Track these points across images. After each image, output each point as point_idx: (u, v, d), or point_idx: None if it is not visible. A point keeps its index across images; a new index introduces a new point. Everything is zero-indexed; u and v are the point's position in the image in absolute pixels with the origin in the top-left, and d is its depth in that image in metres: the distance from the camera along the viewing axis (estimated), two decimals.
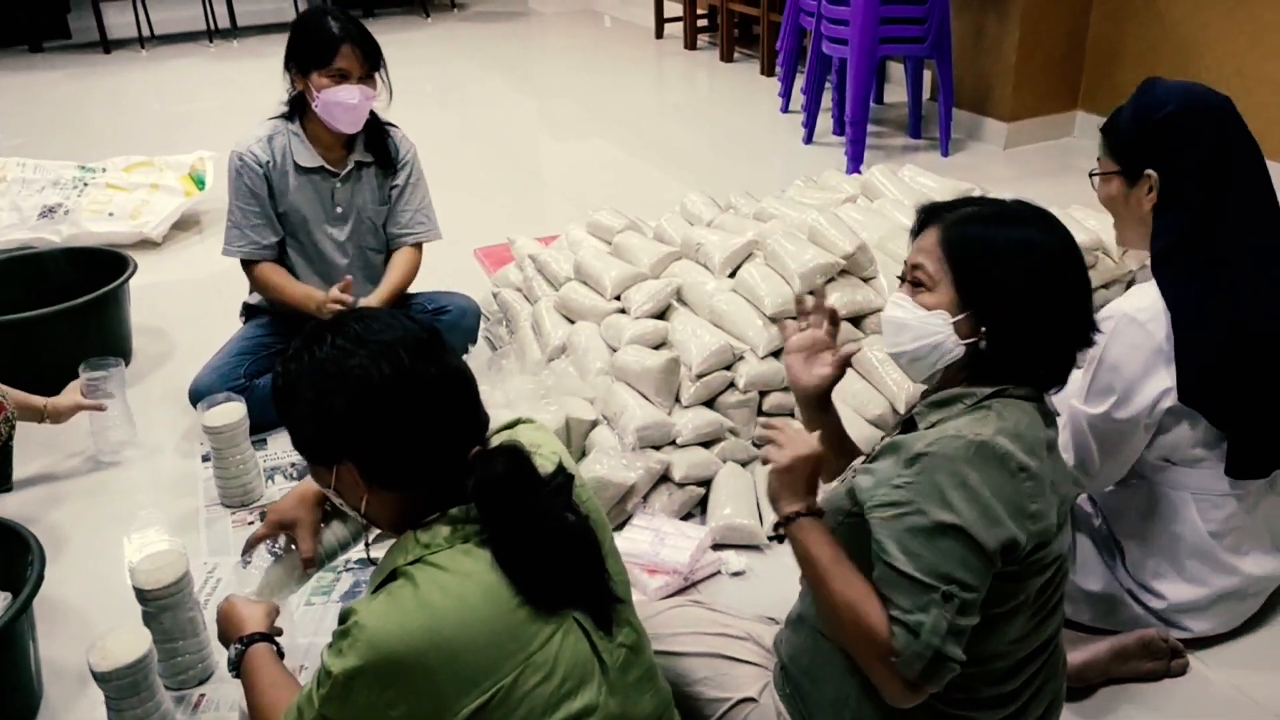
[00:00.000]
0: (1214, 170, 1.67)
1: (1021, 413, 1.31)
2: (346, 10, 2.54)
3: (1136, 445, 1.75)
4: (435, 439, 1.19)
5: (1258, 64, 3.83)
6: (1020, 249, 1.32)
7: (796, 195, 2.98)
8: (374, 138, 2.62)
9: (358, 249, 2.70)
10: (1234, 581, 1.80)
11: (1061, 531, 1.33)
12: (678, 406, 2.33)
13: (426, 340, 1.21)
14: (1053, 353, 1.34)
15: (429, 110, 5.58)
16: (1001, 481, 1.24)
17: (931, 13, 4.14)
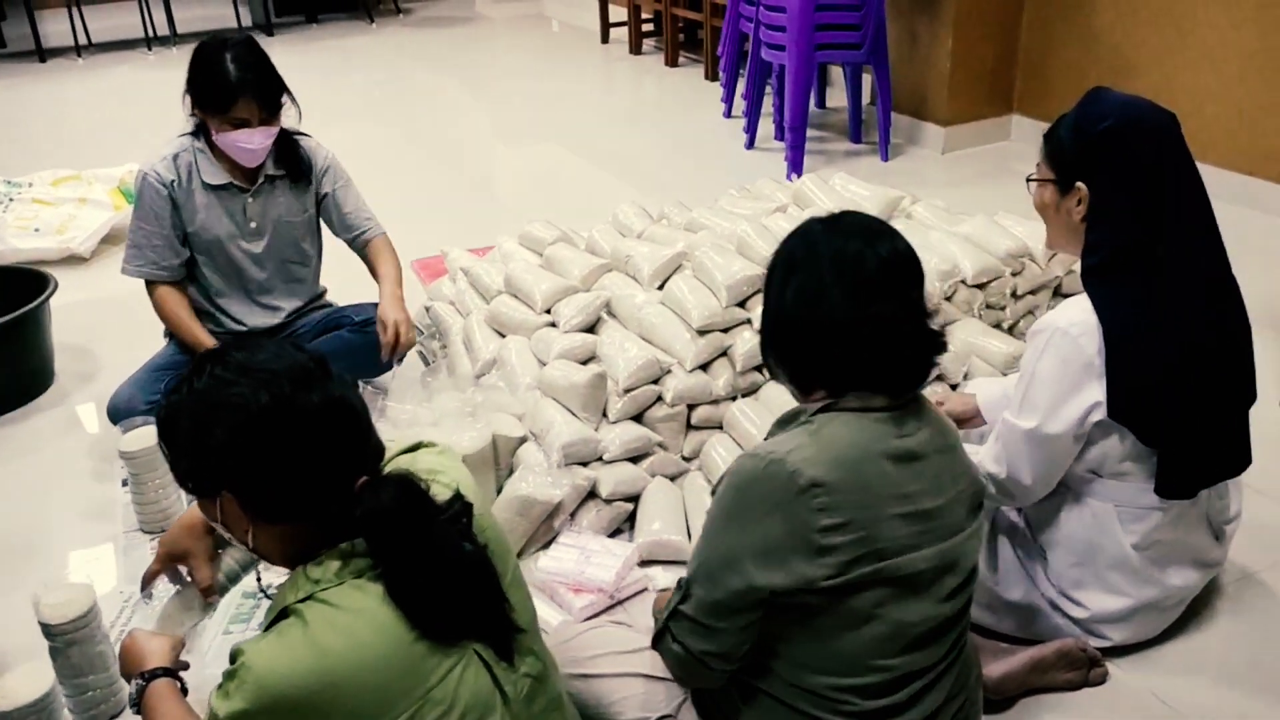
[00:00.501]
0: (1146, 188, 1.67)
1: (847, 427, 1.33)
2: (250, 46, 2.42)
3: (1066, 458, 1.76)
4: (317, 470, 1.17)
5: (1182, 70, 3.89)
6: (774, 266, 1.40)
7: (728, 205, 2.98)
8: (284, 150, 2.57)
9: (277, 262, 2.66)
10: (1155, 593, 1.82)
11: (925, 547, 1.34)
12: (605, 422, 2.32)
13: (311, 369, 1.19)
14: (818, 362, 1.36)
15: (372, 117, 5.53)
16: (785, 502, 1.28)
17: (867, 20, 4.16)
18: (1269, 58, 3.63)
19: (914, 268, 1.37)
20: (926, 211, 2.91)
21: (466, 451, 2.24)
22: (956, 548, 1.39)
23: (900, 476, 1.33)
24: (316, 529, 1.19)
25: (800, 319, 1.36)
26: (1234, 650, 1.90)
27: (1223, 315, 1.72)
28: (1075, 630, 1.85)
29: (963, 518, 1.40)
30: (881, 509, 1.30)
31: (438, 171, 4.72)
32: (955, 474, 1.40)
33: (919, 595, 1.35)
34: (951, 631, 1.42)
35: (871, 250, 1.33)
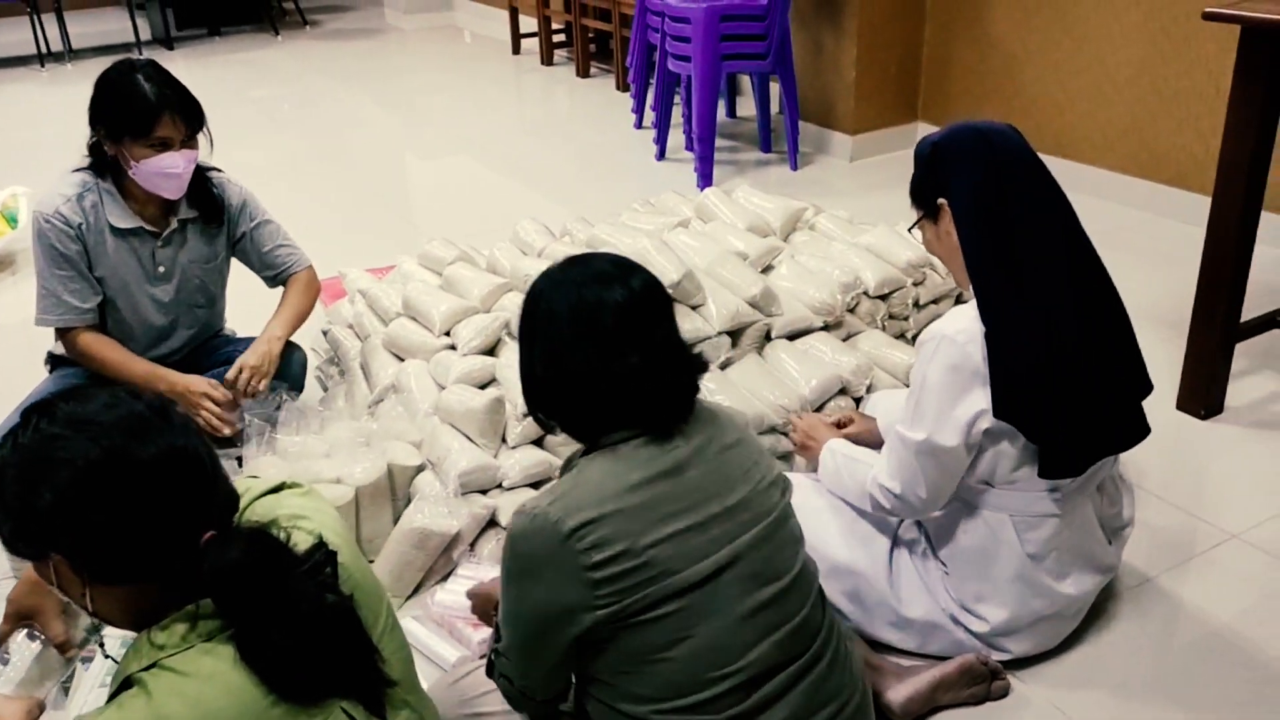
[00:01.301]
0: (984, 185, 1.69)
1: (608, 462, 1.34)
2: (158, 66, 2.30)
3: (960, 467, 1.75)
4: (156, 527, 1.08)
5: (1077, 75, 3.97)
6: (520, 326, 1.42)
7: (630, 220, 2.95)
8: (197, 190, 2.42)
9: (184, 307, 2.53)
10: (1053, 603, 1.82)
11: (717, 552, 1.34)
12: (505, 447, 2.26)
13: (148, 418, 1.11)
14: (576, 416, 1.39)
15: (277, 133, 5.39)
16: (554, 554, 1.29)
17: (771, 30, 4.16)
18: (1155, 65, 3.71)
19: (655, 304, 1.38)
20: (829, 222, 2.91)
21: (360, 483, 2.17)
22: (762, 539, 1.39)
23: (673, 491, 1.34)
24: (161, 589, 1.11)
25: (550, 379, 1.38)
26: (1135, 658, 1.91)
27: (1093, 308, 1.73)
28: (976, 644, 1.85)
29: (769, 506, 1.42)
30: (656, 530, 1.31)
31: (346, 187, 4.61)
32: (744, 467, 1.41)
33: (728, 602, 1.35)
34: (801, 632, 1.41)
35: (607, 297, 1.34)
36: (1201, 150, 3.64)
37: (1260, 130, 2.34)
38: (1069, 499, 1.79)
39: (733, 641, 1.35)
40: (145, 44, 7.15)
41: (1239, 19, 2.27)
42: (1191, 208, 3.54)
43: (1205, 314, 2.51)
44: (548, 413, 1.42)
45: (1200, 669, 1.89)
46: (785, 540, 1.43)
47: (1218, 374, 2.57)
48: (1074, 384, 1.69)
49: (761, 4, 4.14)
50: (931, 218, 1.77)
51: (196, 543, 1.10)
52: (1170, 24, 3.63)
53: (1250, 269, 2.50)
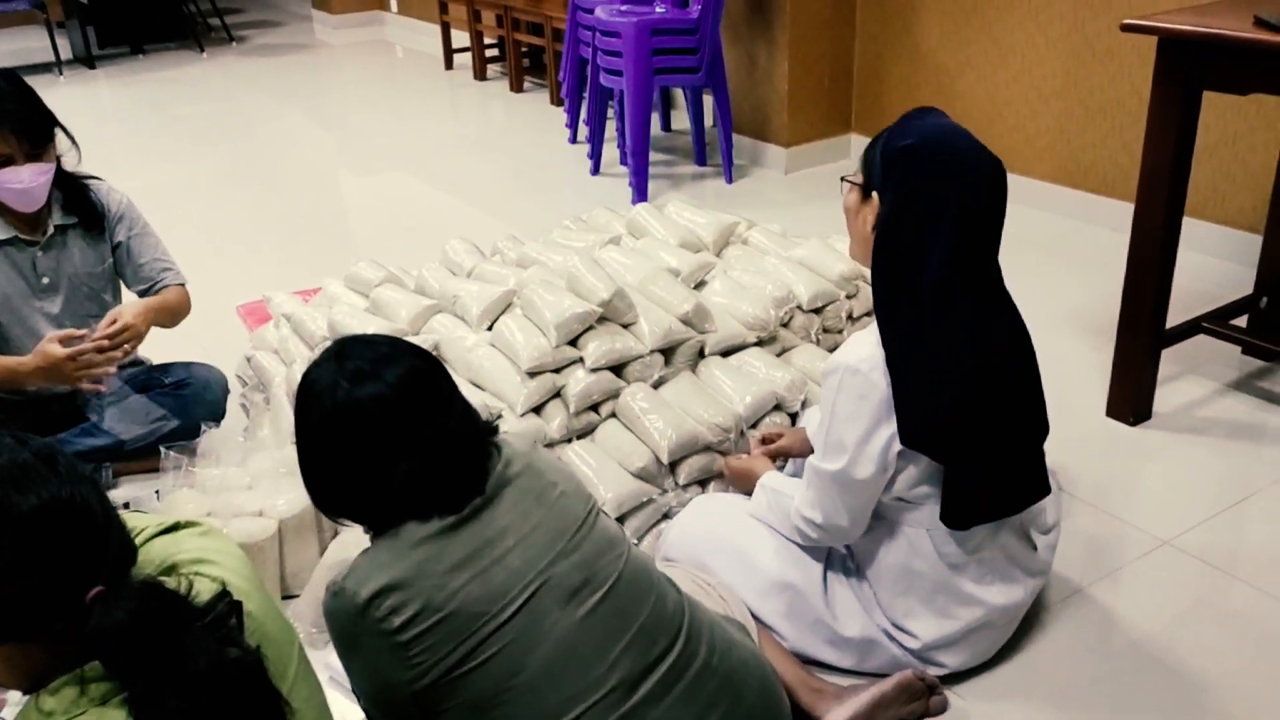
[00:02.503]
0: (925, 213, 1.64)
1: (392, 534, 1.32)
2: (8, 77, 2.22)
3: (876, 492, 1.74)
4: (33, 585, 1.01)
5: (1006, 86, 4.02)
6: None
7: (561, 238, 2.91)
8: (73, 196, 2.37)
9: (77, 319, 2.44)
10: (980, 613, 1.81)
11: (521, 580, 1.32)
12: None
13: (30, 465, 1.04)
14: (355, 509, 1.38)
15: (203, 151, 5.26)
16: (358, 628, 1.29)
17: (703, 43, 4.16)
18: (1080, 77, 3.77)
19: (418, 395, 1.34)
20: (761, 236, 2.89)
21: (284, 515, 2.10)
22: (568, 551, 1.37)
23: (465, 539, 1.32)
24: (46, 649, 1.04)
25: (328, 484, 1.37)
26: (1071, 667, 1.91)
27: (1004, 344, 1.72)
28: (912, 660, 1.84)
29: (570, 520, 1.39)
30: (451, 579, 1.30)
31: (275, 207, 4.51)
32: (535, 492, 1.39)
33: (551, 624, 1.33)
34: (653, 632, 1.39)
35: (357, 399, 1.31)
36: (1126, 159, 3.70)
37: (1179, 138, 2.37)
38: None
39: (571, 660, 1.33)
40: (66, 63, 6.96)
41: (1156, 30, 2.31)
42: (1118, 215, 3.59)
43: (1131, 321, 2.54)
44: (331, 511, 1.41)
45: (1136, 677, 1.89)
46: (599, 546, 1.41)
47: (1145, 380, 2.59)
48: (983, 421, 1.68)
49: (692, 17, 4.14)
50: (863, 194, 1.72)
51: (82, 600, 1.03)
52: (1093, 37, 3.69)
53: (1175, 275, 2.54)
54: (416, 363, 1.36)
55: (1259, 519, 2.29)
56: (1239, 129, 3.37)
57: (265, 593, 1.24)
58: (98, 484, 1.10)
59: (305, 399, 1.35)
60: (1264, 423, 2.63)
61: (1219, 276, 3.30)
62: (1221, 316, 2.74)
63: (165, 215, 2.55)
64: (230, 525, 2.06)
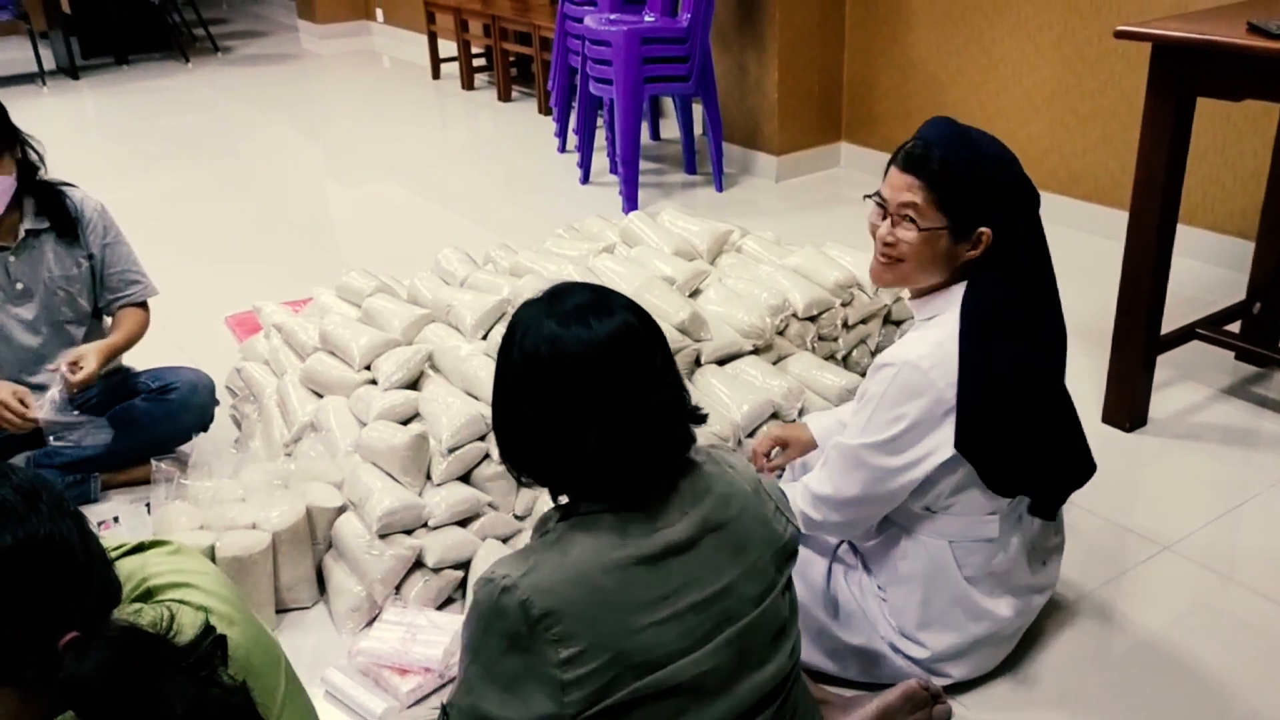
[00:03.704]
0: (1039, 230, 1.70)
1: (587, 537, 1.22)
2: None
3: (898, 486, 1.72)
4: (5, 628, 0.95)
5: (995, 95, 4.03)
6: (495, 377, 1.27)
7: (554, 246, 2.89)
8: (45, 201, 2.34)
9: (52, 325, 2.42)
10: (989, 626, 1.80)
11: (707, 643, 1.23)
12: (429, 485, 2.18)
13: (10, 503, 0.98)
14: (544, 471, 1.26)
15: (189, 162, 5.22)
16: (520, 636, 1.17)
17: (693, 52, 4.16)
18: (1070, 85, 3.78)
19: (625, 356, 1.20)
20: (756, 244, 2.89)
21: (278, 527, 2.07)
22: (754, 622, 1.28)
23: (656, 578, 1.21)
24: (19, 695, 0.98)
25: (517, 437, 1.25)
26: (1073, 675, 1.90)
27: (1059, 355, 1.77)
28: (917, 670, 1.82)
29: (766, 584, 1.30)
30: (631, 622, 1.19)
31: (263, 218, 4.48)
32: (741, 545, 1.28)
33: (716, 693, 1.25)
34: (778, 696, 1.33)
35: (564, 348, 1.18)
36: (1117, 166, 3.71)
37: (1173, 144, 2.37)
38: (1006, 522, 1.78)
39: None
40: (50, 74, 6.90)
41: (1150, 37, 2.31)
42: (1109, 222, 3.60)
43: (1127, 327, 2.54)
44: (520, 467, 1.28)
45: (1138, 683, 1.88)
46: (779, 612, 1.31)
47: (1140, 386, 2.59)
48: (1046, 433, 1.72)
49: (682, 26, 4.13)
50: (956, 235, 1.66)
51: (55, 646, 0.96)
52: (1084, 45, 3.70)
53: (1169, 282, 2.54)
54: (632, 320, 1.22)
55: (1257, 524, 2.29)
56: (1227, 136, 3.39)
57: (248, 615, 1.19)
58: (83, 522, 1.04)
59: (509, 336, 1.24)
60: (1258, 428, 2.64)
61: (1210, 282, 3.30)
62: (1215, 322, 2.74)
63: (150, 226, 2.52)
64: (224, 538, 2.03)
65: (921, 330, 1.73)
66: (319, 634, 2.08)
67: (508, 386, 1.24)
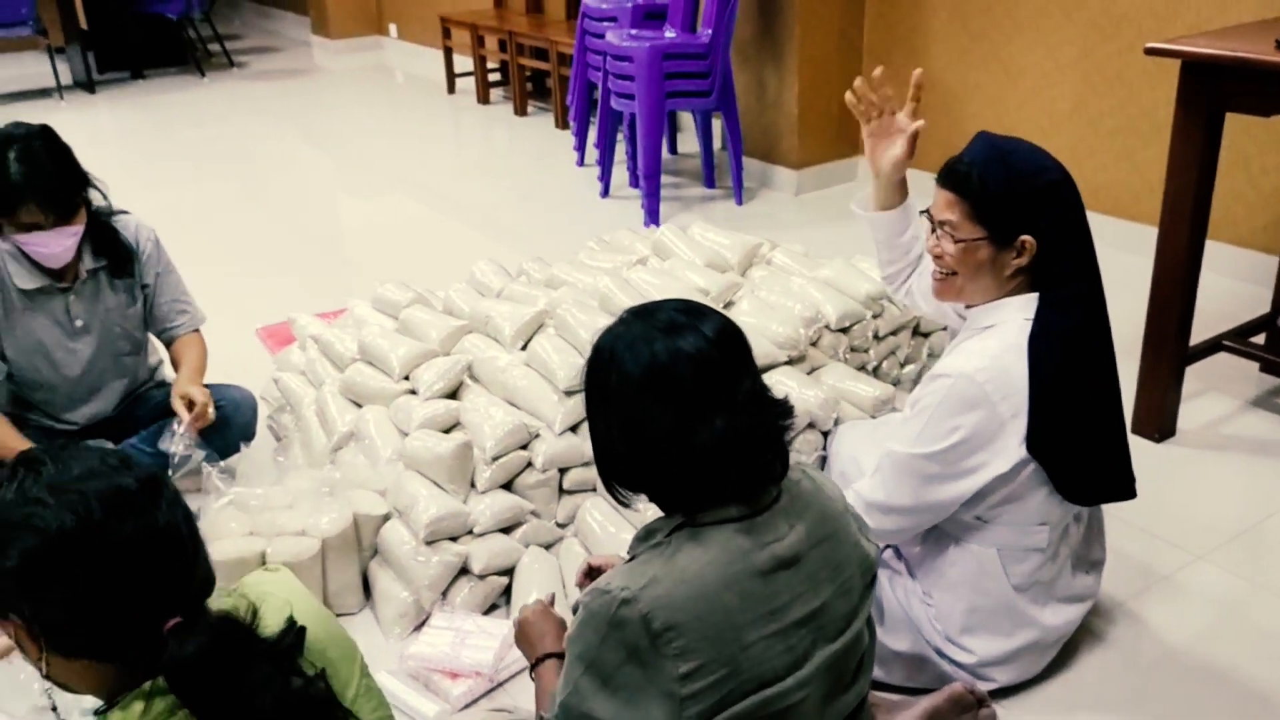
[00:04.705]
0: (1086, 234, 1.73)
1: (703, 550, 1.23)
2: (46, 138, 2.17)
3: (949, 499, 1.75)
4: (118, 609, 1.02)
5: (1016, 107, 4.07)
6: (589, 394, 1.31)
7: (587, 259, 2.92)
8: (102, 240, 2.34)
9: (107, 358, 2.44)
10: (1035, 634, 1.83)
11: (811, 659, 1.26)
12: (474, 492, 2.21)
13: (133, 492, 1.04)
14: (662, 486, 1.27)
15: (206, 176, 5.26)
16: (639, 649, 1.19)
17: (714, 67, 4.21)
18: (1090, 100, 3.83)
19: (733, 351, 1.26)
20: (785, 257, 2.92)
21: (327, 534, 2.10)
22: (850, 643, 1.31)
23: (767, 591, 1.23)
24: (120, 669, 1.05)
25: (631, 451, 1.26)
26: (1112, 681, 1.93)
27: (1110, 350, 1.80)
28: (962, 675, 1.85)
29: (854, 605, 1.33)
30: (745, 636, 1.21)
31: (283, 232, 4.52)
32: (837, 563, 1.31)
33: (815, 709, 1.28)
34: (858, 715, 1.37)
35: (679, 351, 1.22)
36: (1138, 181, 3.75)
37: (1202, 159, 2.41)
38: (1055, 532, 1.81)
39: None
40: (66, 88, 6.95)
41: (1180, 54, 2.35)
42: (1129, 236, 3.64)
43: (1156, 339, 2.57)
44: (631, 485, 1.29)
45: (1175, 690, 1.91)
46: (864, 636, 1.35)
47: (1169, 398, 2.62)
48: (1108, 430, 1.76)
49: (703, 42, 4.18)
50: (998, 243, 1.70)
51: (160, 628, 1.03)
52: (1103, 61, 3.75)
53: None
54: (725, 319, 1.27)
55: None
56: (1249, 151, 3.43)
57: (326, 612, 1.24)
58: (191, 516, 1.10)
59: (606, 361, 1.26)
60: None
61: (1233, 296, 3.34)
62: (1239, 335, 2.78)
63: (166, 239, 2.54)
64: (274, 544, 2.06)
65: (978, 340, 1.76)
66: (366, 639, 2.09)
67: (622, 405, 1.25)
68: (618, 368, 1.25)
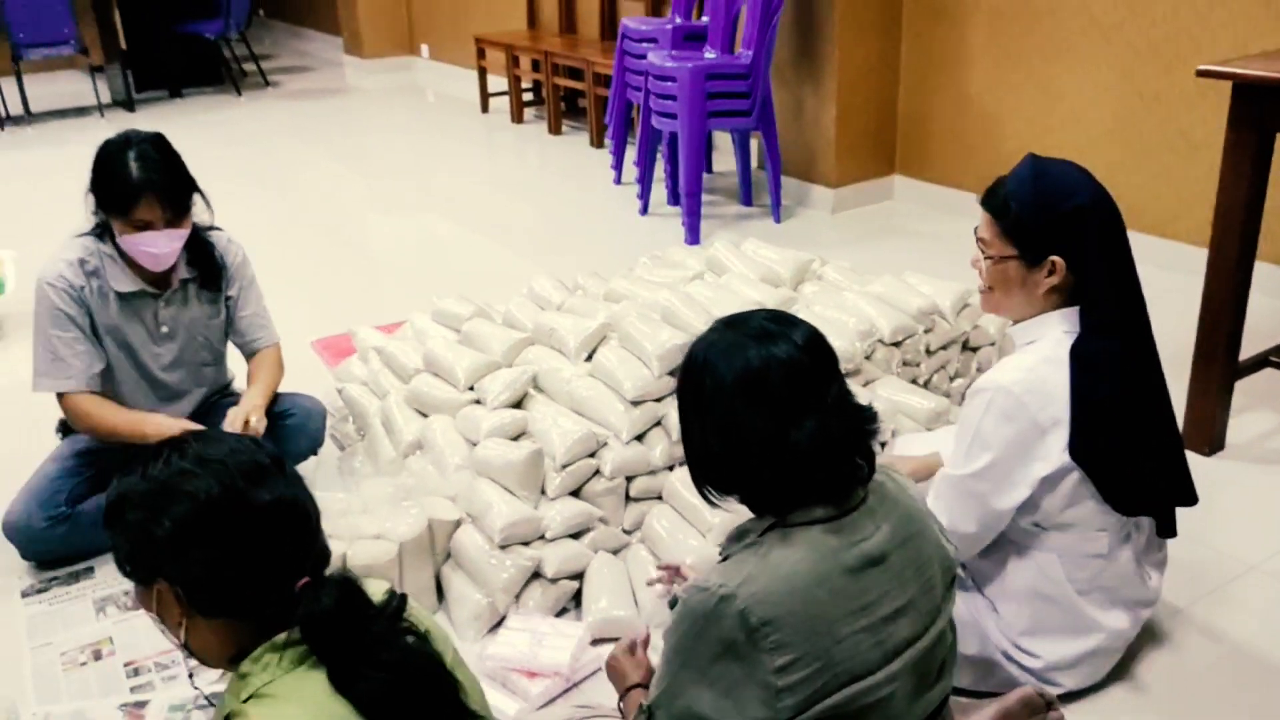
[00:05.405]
0: (1120, 257, 1.77)
1: (796, 549, 1.28)
2: (158, 143, 2.29)
3: (1005, 510, 1.80)
4: (260, 567, 1.15)
5: (1051, 131, 4.14)
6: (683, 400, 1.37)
7: (644, 273, 2.99)
8: (196, 252, 2.43)
9: (189, 365, 2.52)
10: (1101, 638, 1.88)
11: (900, 655, 1.31)
12: (544, 499, 2.27)
13: (266, 466, 1.18)
14: (755, 488, 1.32)
15: (245, 194, 5.35)
16: (737, 644, 1.24)
17: (755, 88, 4.28)
18: (1129, 121, 3.89)
19: (822, 357, 1.32)
20: (836, 273, 2.98)
21: (405, 538, 2.16)
22: (935, 640, 1.36)
23: (858, 588, 1.29)
24: (253, 628, 1.16)
25: (725, 454, 1.31)
26: (1176, 687, 1.97)
27: (1156, 367, 1.84)
28: (1030, 679, 1.89)
29: (937, 602, 1.38)
30: (837, 631, 1.26)
31: (323, 248, 4.60)
32: (921, 563, 1.36)
33: (899, 711, 1.33)
34: (937, 717, 1.42)
35: (771, 356, 1.28)
36: (1175, 201, 3.80)
37: (1253, 179, 2.46)
38: (1114, 537, 1.85)
39: None
40: (106, 106, 7.09)
41: (1231, 76, 2.41)
42: (1167, 253, 3.69)
43: (1206, 355, 2.62)
44: (724, 488, 1.35)
45: (1238, 696, 1.95)
46: (949, 632, 1.40)
47: (1219, 412, 2.67)
48: (1147, 432, 1.79)
49: (744, 63, 4.26)
50: (1028, 262, 1.77)
51: (292, 587, 1.15)
52: (1142, 84, 3.81)
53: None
54: (813, 327, 1.33)
55: None
56: None
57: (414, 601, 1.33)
58: (310, 493, 1.23)
59: (700, 368, 1.32)
60: None
61: (1273, 313, 3.38)
62: None
63: None
64: (353, 547, 2.13)
65: (1018, 355, 1.83)
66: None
67: (717, 410, 1.30)
68: (712, 374, 1.30)
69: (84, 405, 2.35)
